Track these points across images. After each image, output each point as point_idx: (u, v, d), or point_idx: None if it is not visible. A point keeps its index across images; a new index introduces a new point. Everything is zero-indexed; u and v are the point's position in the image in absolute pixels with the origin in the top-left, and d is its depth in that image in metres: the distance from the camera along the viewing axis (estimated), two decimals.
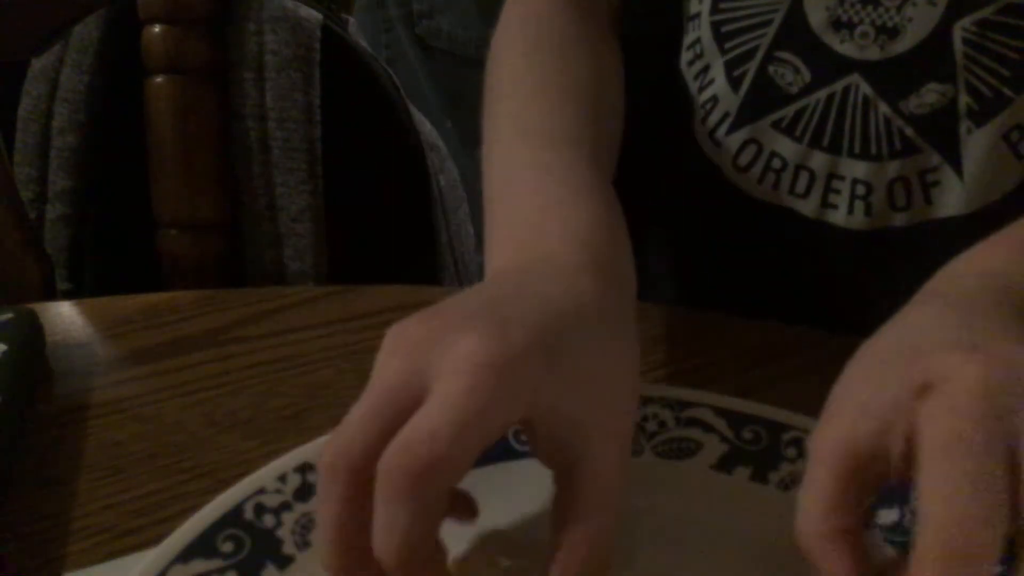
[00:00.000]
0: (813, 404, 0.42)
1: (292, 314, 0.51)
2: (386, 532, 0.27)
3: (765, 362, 0.47)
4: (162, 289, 0.54)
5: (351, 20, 0.82)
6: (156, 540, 0.34)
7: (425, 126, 0.82)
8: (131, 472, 0.40)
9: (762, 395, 0.43)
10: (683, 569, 0.35)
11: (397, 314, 0.51)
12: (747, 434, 0.39)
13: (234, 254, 0.76)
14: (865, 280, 0.53)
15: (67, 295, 0.75)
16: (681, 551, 0.36)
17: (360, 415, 0.29)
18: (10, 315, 0.46)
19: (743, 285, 0.56)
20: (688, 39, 0.54)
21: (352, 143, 0.78)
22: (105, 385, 0.45)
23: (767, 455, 0.39)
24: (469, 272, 0.85)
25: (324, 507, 0.29)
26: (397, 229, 0.81)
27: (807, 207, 0.51)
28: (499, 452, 0.39)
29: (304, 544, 0.34)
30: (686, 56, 0.54)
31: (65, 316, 0.51)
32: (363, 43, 0.80)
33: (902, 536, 0.35)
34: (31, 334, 0.46)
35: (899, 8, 0.46)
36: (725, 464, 0.39)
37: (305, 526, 0.35)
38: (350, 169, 0.78)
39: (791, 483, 0.38)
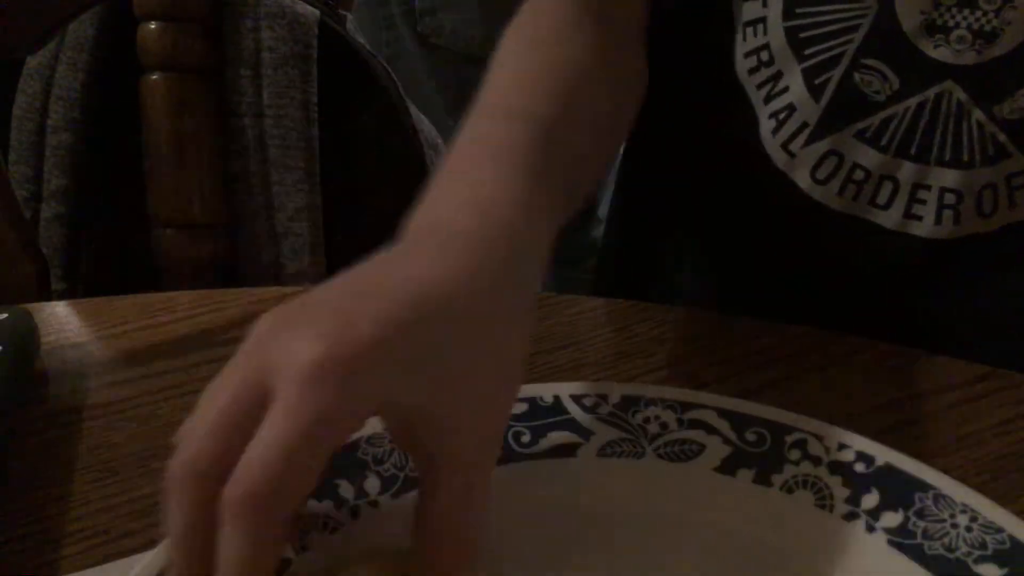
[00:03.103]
0: (817, 406, 0.42)
1: None
2: (226, 556, 0.26)
3: (769, 363, 0.46)
4: (158, 289, 0.53)
5: (348, 17, 0.82)
6: (152, 543, 0.34)
7: (424, 124, 0.81)
8: (127, 474, 0.39)
9: (766, 396, 0.43)
10: (685, 572, 0.35)
11: None
12: (750, 436, 0.39)
13: (231, 253, 0.76)
14: (942, 289, 0.52)
15: (62, 295, 0.74)
16: (683, 554, 0.35)
17: (206, 427, 0.28)
18: (4, 315, 0.45)
19: (809, 295, 0.55)
20: (748, 45, 0.51)
21: (350, 141, 0.77)
22: (100, 386, 0.45)
23: (770, 457, 0.38)
24: None
25: (172, 517, 0.27)
26: (396, 228, 0.80)
27: (888, 219, 0.50)
28: (500, 454, 0.38)
29: (302, 547, 0.34)
30: (746, 63, 0.52)
31: (60, 316, 0.50)
32: (361, 40, 0.80)
33: (907, 539, 0.35)
34: (25, 334, 0.45)
35: (998, 12, 0.45)
36: (728, 466, 0.38)
37: (303, 529, 0.35)
38: (348, 167, 0.77)
39: (795, 486, 0.37)
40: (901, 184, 0.49)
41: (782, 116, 0.51)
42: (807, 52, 0.49)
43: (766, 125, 0.52)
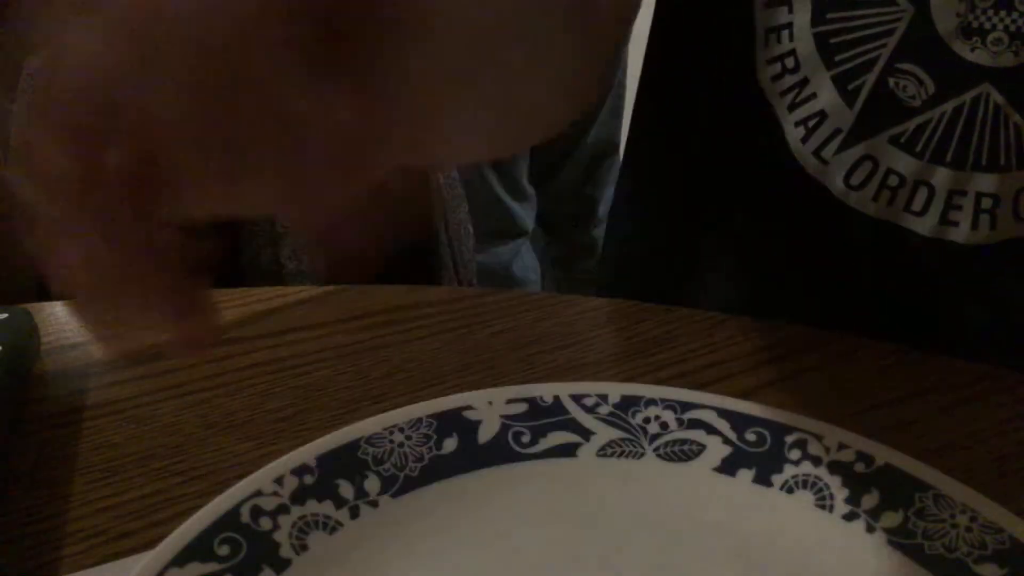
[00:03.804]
0: (817, 406, 0.42)
1: (289, 314, 0.51)
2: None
3: (769, 363, 0.46)
4: None
5: None
6: (152, 543, 0.34)
7: None
8: (126, 474, 0.39)
9: (766, 396, 0.43)
10: (685, 572, 0.35)
11: (396, 314, 0.51)
12: (750, 436, 0.39)
13: (231, 253, 0.76)
14: (975, 297, 0.51)
15: (62, 295, 0.74)
16: (683, 554, 0.35)
17: None
18: (4, 315, 0.45)
19: (838, 302, 0.54)
20: (770, 52, 0.51)
21: None
22: (100, 386, 0.45)
23: (770, 457, 0.38)
24: (469, 272, 0.85)
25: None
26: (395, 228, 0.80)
27: (924, 225, 0.49)
28: (499, 454, 0.38)
29: (302, 547, 0.34)
30: (768, 70, 0.51)
31: (60, 317, 0.50)
32: None
33: (906, 539, 0.35)
34: (25, 335, 0.45)
35: None
36: (728, 466, 0.38)
37: (303, 529, 0.35)
38: None
39: (795, 486, 0.37)
40: (937, 190, 0.49)
41: (812, 123, 0.50)
42: (838, 58, 0.49)
43: (793, 133, 0.51)
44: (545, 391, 0.41)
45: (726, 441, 0.39)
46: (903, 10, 0.46)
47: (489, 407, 0.40)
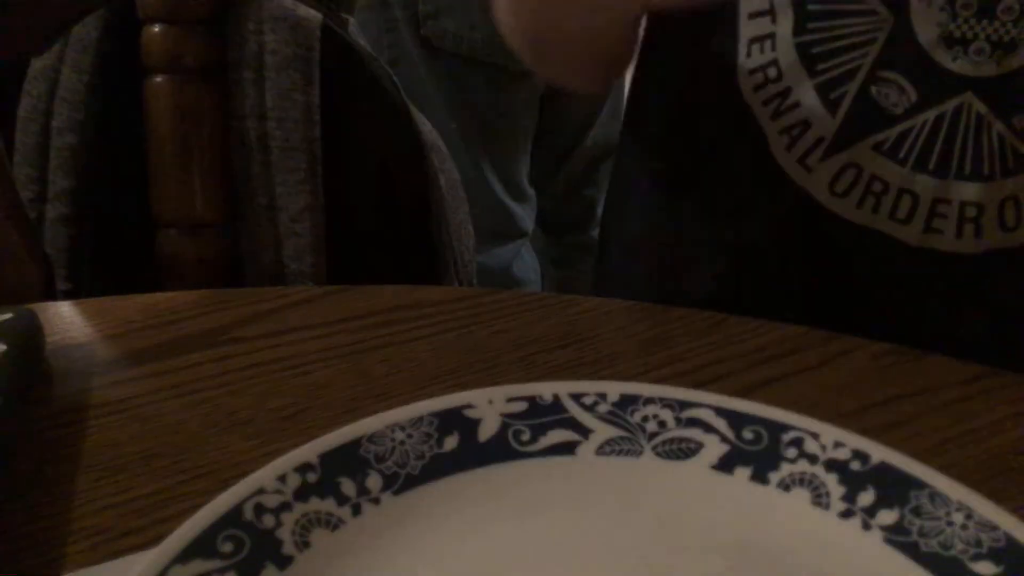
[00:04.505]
0: (814, 404, 0.42)
1: (291, 314, 0.51)
2: None
3: (766, 362, 0.47)
4: (161, 289, 0.54)
5: (351, 20, 0.82)
6: (155, 541, 0.34)
7: (426, 126, 0.81)
8: (130, 472, 0.40)
9: (763, 395, 0.43)
10: (682, 570, 0.35)
11: (397, 314, 0.51)
12: (748, 434, 0.39)
13: (233, 254, 0.76)
14: (966, 301, 0.51)
15: (67, 295, 0.75)
16: (680, 551, 0.36)
17: None
18: (10, 315, 0.45)
19: (829, 306, 0.54)
20: (753, 62, 0.51)
21: (352, 143, 0.77)
22: (104, 385, 0.45)
23: (767, 455, 0.39)
24: (469, 272, 0.85)
25: None
26: (398, 229, 0.80)
27: (910, 234, 0.50)
28: (499, 452, 0.39)
29: (304, 544, 0.34)
30: (751, 80, 0.52)
31: (65, 316, 0.51)
32: (363, 43, 0.80)
33: (902, 537, 0.35)
34: (31, 334, 0.46)
35: (1016, 22, 0.45)
36: (725, 464, 0.39)
37: (305, 526, 0.35)
38: (350, 169, 0.78)
39: (791, 484, 0.38)
40: (921, 198, 0.49)
41: (795, 132, 0.51)
42: (820, 67, 0.49)
43: (778, 141, 0.51)
44: (545, 390, 0.41)
45: (723, 439, 0.39)
46: (884, 20, 0.47)
47: (489, 405, 0.40)
